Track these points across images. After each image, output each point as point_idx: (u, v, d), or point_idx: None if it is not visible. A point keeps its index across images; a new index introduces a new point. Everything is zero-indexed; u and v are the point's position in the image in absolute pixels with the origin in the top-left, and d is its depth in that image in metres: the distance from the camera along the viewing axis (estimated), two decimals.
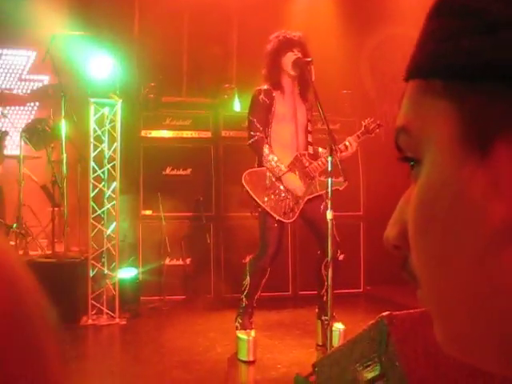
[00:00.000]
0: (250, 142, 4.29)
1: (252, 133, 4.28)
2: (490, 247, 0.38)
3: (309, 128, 4.47)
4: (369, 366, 2.28)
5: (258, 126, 4.27)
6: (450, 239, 0.40)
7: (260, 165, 4.31)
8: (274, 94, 4.33)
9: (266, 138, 4.31)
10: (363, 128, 4.40)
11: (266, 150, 4.25)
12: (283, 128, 4.36)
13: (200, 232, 6.18)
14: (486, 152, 0.38)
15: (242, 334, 4.25)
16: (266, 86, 4.35)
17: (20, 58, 6.93)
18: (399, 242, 0.45)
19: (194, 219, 6.20)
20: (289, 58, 4.28)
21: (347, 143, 4.31)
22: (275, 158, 4.25)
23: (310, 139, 4.46)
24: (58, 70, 5.71)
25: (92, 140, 5.46)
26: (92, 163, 5.45)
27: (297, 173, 4.36)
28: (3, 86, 6.72)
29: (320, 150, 4.49)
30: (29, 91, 6.69)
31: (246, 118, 4.41)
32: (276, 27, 4.62)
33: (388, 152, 7.27)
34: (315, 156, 4.44)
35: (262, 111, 4.31)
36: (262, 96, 4.32)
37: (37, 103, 6.81)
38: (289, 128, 4.38)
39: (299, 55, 4.26)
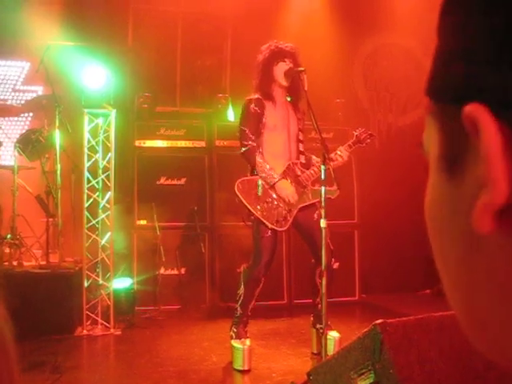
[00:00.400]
0: (243, 151, 4.31)
1: (244, 142, 4.30)
2: (467, 250, 0.42)
3: (300, 137, 4.49)
4: (363, 373, 2.28)
5: (250, 135, 4.29)
6: (442, 242, 0.45)
7: (252, 173, 4.33)
8: (265, 104, 4.36)
9: (258, 147, 4.33)
10: (355, 138, 4.42)
11: (258, 158, 4.27)
12: (275, 138, 4.38)
13: (194, 241, 6.18)
14: (455, 171, 0.42)
15: (236, 343, 4.25)
16: (256, 96, 4.37)
17: (14, 69, 6.93)
18: None
19: (189, 229, 6.21)
20: (280, 69, 4.31)
21: (339, 152, 4.33)
22: (268, 166, 4.28)
23: (301, 148, 4.49)
24: (51, 80, 5.72)
25: (86, 150, 5.47)
26: (86, 173, 5.46)
27: (289, 181, 4.38)
28: None
29: (314, 158, 4.51)
30: (23, 102, 6.69)
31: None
32: (269, 37, 4.65)
33: (381, 160, 7.30)
34: (308, 165, 4.46)
35: (253, 120, 4.33)
36: (253, 105, 4.34)
37: (31, 114, 6.81)
38: (280, 138, 4.40)
39: (291, 65, 4.28)
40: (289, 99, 4.46)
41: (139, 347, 4.87)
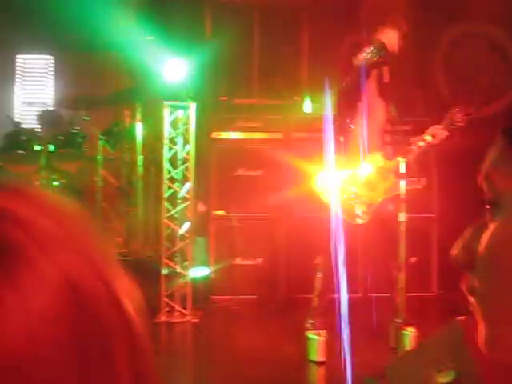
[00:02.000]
0: None
1: None
2: None
3: (386, 127, 4.39)
4: (442, 370, 2.25)
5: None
6: None
7: None
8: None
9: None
10: (448, 119, 4.26)
11: None
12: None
13: (270, 232, 6.21)
14: None
15: (312, 335, 4.25)
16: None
17: None
18: (466, 264, 0.56)
19: (265, 220, 6.23)
20: None
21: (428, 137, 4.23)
22: None
23: (387, 139, 4.39)
24: (133, 73, 5.87)
25: (167, 142, 5.59)
26: (166, 164, 5.58)
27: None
28: None
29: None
30: None
31: (316, 120, 4.40)
32: (347, 28, 4.59)
33: (462, 152, 7.05)
34: (390, 154, 4.36)
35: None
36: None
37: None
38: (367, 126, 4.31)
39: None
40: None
41: (215, 335, 4.96)
